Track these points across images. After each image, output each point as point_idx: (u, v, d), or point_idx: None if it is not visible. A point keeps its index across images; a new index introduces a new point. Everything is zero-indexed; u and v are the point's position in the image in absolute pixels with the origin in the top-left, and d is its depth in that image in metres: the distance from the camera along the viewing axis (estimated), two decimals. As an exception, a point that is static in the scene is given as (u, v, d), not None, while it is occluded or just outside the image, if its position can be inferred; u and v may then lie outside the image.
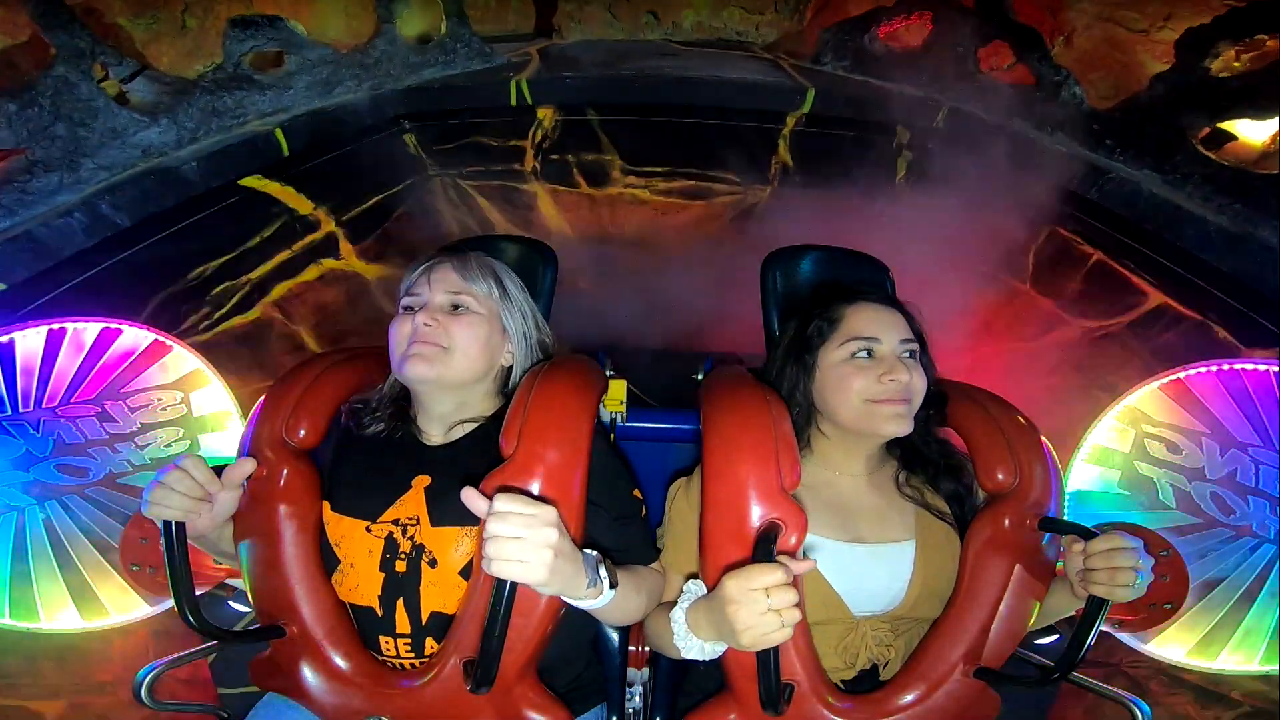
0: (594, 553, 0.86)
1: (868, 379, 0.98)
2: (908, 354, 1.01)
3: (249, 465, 0.93)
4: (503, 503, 0.74)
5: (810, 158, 3.29)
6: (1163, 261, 2.27)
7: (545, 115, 3.39)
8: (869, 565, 0.99)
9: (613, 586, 0.85)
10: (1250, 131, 2.25)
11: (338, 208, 3.06)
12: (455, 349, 0.98)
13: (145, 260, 2.32)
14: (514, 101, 3.28)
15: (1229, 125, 2.24)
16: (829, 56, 3.32)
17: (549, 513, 0.75)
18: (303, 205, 2.92)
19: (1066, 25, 2.84)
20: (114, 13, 2.32)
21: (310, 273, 2.94)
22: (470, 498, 0.77)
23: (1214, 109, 2.16)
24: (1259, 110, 2.15)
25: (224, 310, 2.66)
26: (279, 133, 2.65)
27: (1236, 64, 2.26)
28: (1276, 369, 1.48)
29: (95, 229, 2.12)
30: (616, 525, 0.98)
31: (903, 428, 0.98)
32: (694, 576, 0.94)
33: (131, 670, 0.93)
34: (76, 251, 2.11)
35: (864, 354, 1.00)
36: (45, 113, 2.09)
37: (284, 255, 2.86)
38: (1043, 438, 1.05)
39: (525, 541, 0.73)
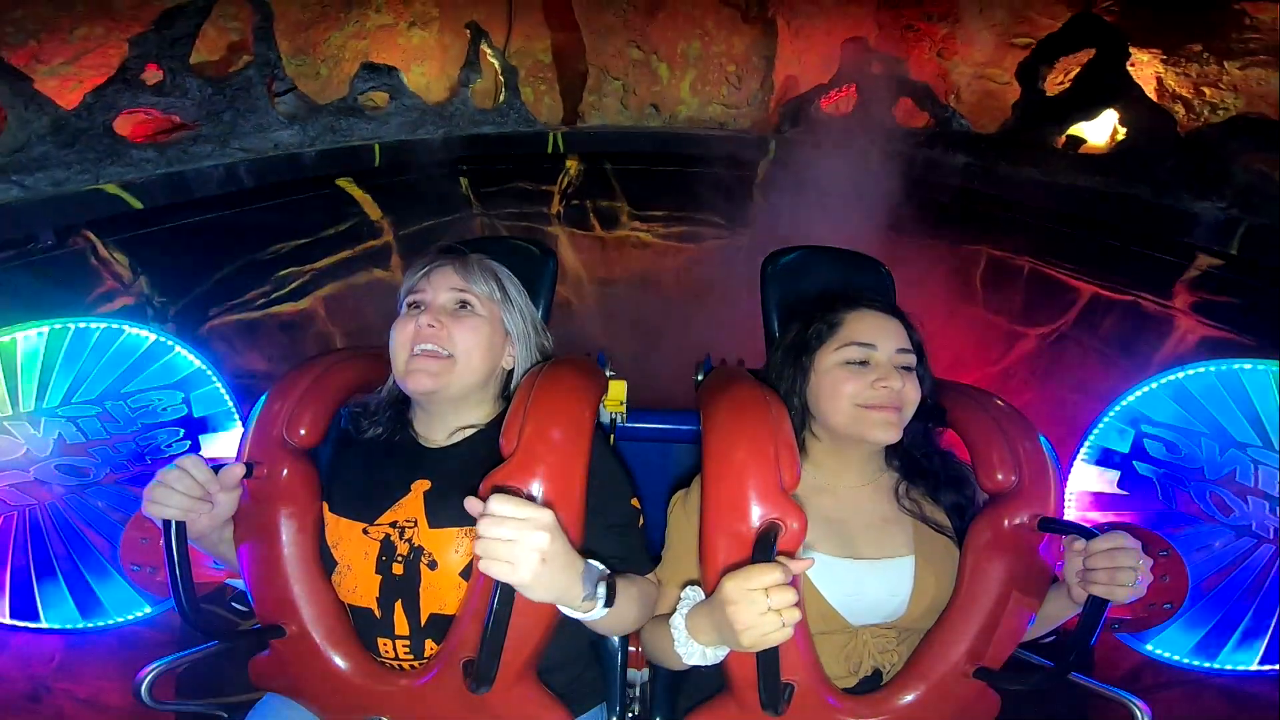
0: (600, 568, 0.84)
1: (860, 384, 0.98)
2: (903, 364, 1.01)
3: (239, 470, 0.92)
4: (497, 504, 0.74)
5: (780, 199, 3.90)
6: (1063, 231, 2.72)
7: (572, 165, 4.16)
8: (866, 580, 0.98)
9: (608, 605, 0.83)
10: (1093, 135, 2.91)
11: (398, 223, 3.62)
12: (458, 356, 0.98)
13: (244, 220, 2.86)
14: (550, 150, 4.05)
15: (1077, 131, 2.85)
16: (787, 126, 4.16)
17: (543, 517, 0.74)
18: (374, 212, 3.52)
19: (954, 86, 4.03)
20: (278, 50, 3.17)
21: (360, 277, 3.45)
22: (472, 505, 0.76)
23: (1058, 119, 2.86)
24: (1085, 112, 2.79)
25: (281, 293, 3.10)
26: (376, 146, 3.39)
27: (1061, 83, 3.01)
28: (1276, 369, 1.48)
29: (228, 181, 2.79)
30: (612, 533, 0.97)
31: (891, 435, 0.98)
32: (692, 583, 0.94)
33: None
34: (205, 197, 2.68)
35: (859, 360, 1.00)
36: (224, 100, 2.83)
37: (346, 253, 3.40)
38: (1043, 437, 1.05)
39: (515, 544, 0.73)
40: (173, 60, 2.66)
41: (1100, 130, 2.92)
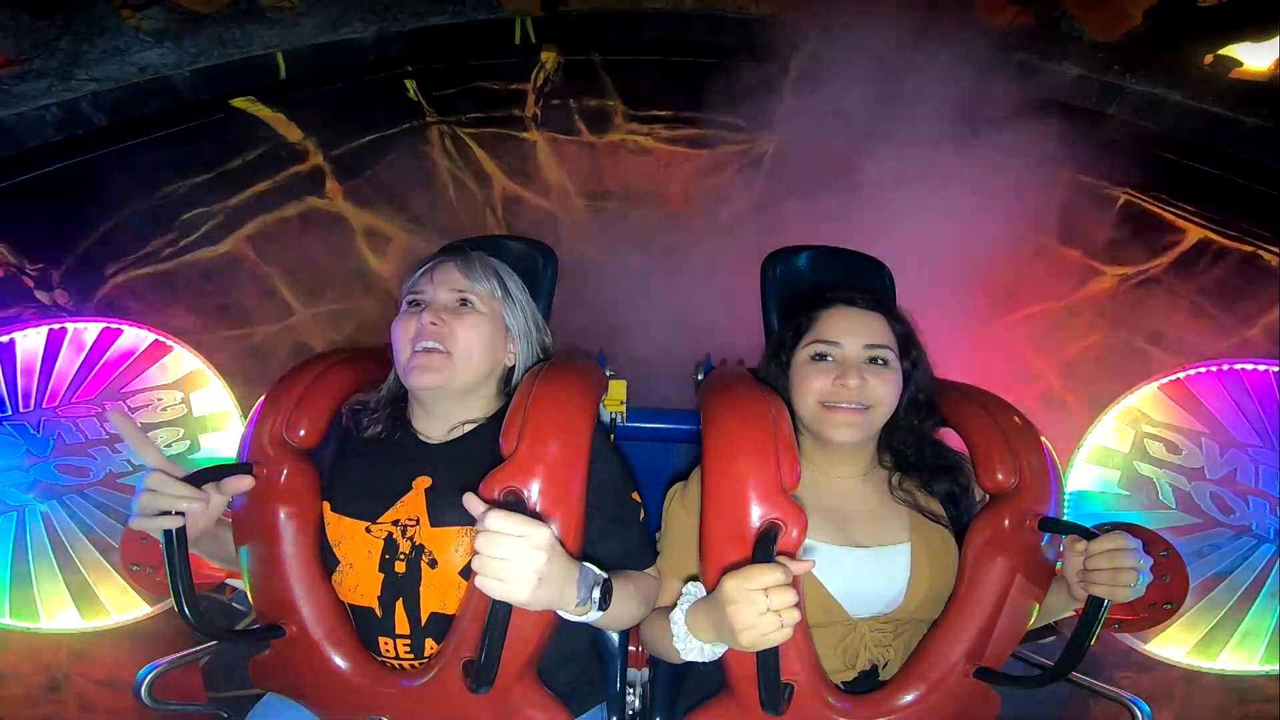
0: (595, 572, 0.84)
1: (824, 381, 0.99)
2: (872, 360, 1.01)
3: (247, 482, 0.92)
4: (494, 521, 0.73)
5: (817, 100, 3.23)
6: (1192, 166, 2.33)
7: (548, 58, 3.47)
8: (865, 569, 0.99)
9: (602, 609, 0.84)
10: (1253, 58, 2.42)
11: (328, 141, 3.01)
12: (459, 352, 0.98)
13: (114, 165, 2.35)
14: (518, 40, 3.34)
15: (1230, 51, 2.40)
16: (829, 13, 3.36)
17: (540, 535, 0.74)
18: (291, 133, 2.94)
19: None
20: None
21: (291, 209, 2.87)
22: (470, 502, 0.77)
23: (1209, 35, 2.37)
24: (1250, 34, 2.34)
25: (192, 239, 2.65)
26: (279, 55, 2.75)
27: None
28: (1276, 369, 1.48)
29: (68, 123, 2.21)
30: (613, 528, 0.97)
31: (850, 436, 0.98)
32: (692, 579, 0.94)
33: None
34: (41, 144, 2.16)
35: (823, 356, 1.01)
36: (55, 26, 2.26)
37: (265, 185, 2.82)
38: (1043, 438, 1.05)
39: (511, 563, 0.73)
40: (-41, -12, 2.14)
41: (1264, 54, 2.47)
